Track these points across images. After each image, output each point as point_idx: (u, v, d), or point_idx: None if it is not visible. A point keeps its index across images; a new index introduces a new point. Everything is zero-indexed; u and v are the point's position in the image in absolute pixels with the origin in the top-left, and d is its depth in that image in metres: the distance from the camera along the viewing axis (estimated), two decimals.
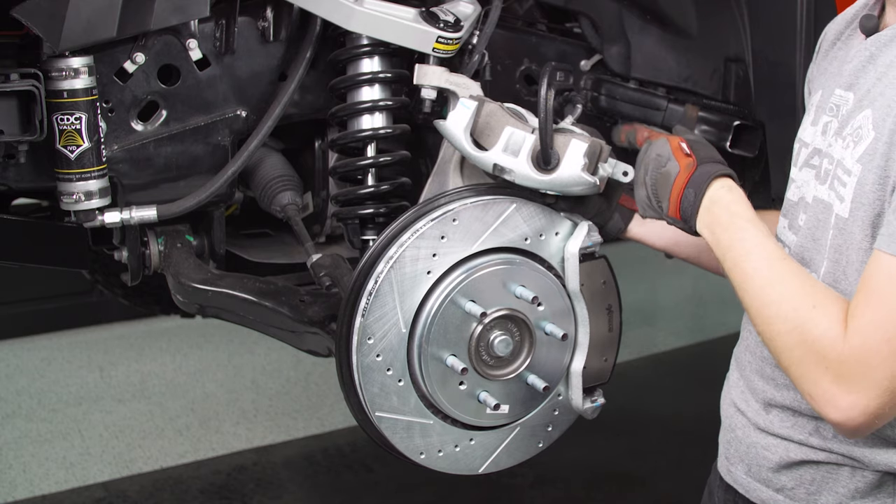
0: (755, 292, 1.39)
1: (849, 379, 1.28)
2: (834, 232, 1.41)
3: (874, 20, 1.47)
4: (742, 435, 1.58)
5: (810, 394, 1.33)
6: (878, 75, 1.39)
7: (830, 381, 1.29)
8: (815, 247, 1.45)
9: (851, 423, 1.30)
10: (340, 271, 1.95)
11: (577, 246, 1.79)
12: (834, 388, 1.29)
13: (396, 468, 2.62)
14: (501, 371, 1.79)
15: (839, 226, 1.39)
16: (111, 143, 1.87)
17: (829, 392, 1.30)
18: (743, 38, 2.14)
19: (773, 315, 1.36)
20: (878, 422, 1.31)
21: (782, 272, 1.38)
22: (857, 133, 1.37)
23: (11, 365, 4.66)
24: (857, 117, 1.39)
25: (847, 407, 1.29)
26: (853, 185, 1.36)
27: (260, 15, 1.95)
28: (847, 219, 1.38)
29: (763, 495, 1.55)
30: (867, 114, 1.37)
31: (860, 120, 1.38)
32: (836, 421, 1.31)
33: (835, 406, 1.30)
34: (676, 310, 5.63)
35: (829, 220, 1.42)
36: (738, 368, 1.63)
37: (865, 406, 1.28)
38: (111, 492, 3.68)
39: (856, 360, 1.27)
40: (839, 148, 1.41)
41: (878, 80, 1.38)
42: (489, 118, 1.77)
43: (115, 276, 2.61)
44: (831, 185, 1.42)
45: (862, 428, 1.32)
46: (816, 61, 1.64)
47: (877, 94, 1.37)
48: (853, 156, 1.37)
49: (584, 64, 2.30)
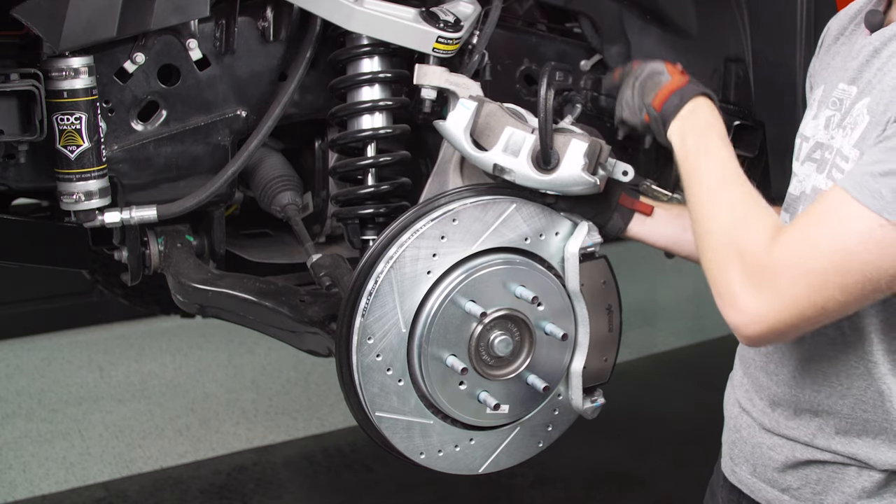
0: (702, 195, 1.46)
1: (759, 285, 1.31)
2: None
3: (879, 16, 1.48)
4: (747, 435, 1.58)
5: (719, 292, 1.37)
6: (880, 66, 1.40)
7: (741, 284, 1.33)
8: None
9: (748, 328, 1.33)
10: (340, 271, 1.95)
11: (577, 246, 1.79)
12: (743, 291, 1.32)
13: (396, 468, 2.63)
14: (501, 371, 1.79)
15: None
16: (111, 143, 1.86)
17: (736, 293, 1.33)
18: (743, 38, 2.14)
19: (711, 217, 1.42)
20: (774, 337, 1.34)
21: (733, 184, 1.45)
22: (855, 120, 1.39)
23: (11, 365, 4.67)
24: (856, 106, 1.41)
25: (749, 311, 1.32)
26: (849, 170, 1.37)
27: (260, 15, 1.95)
28: None
29: (768, 495, 1.55)
30: (865, 101, 1.39)
31: (859, 108, 1.40)
32: (735, 323, 1.34)
33: (738, 308, 1.33)
34: (676, 310, 5.64)
35: None
36: (741, 367, 1.63)
37: (766, 315, 1.31)
38: (111, 492, 3.68)
39: (770, 269, 1.31)
40: (839, 138, 1.43)
41: (878, 71, 1.40)
42: (489, 118, 1.77)
43: (115, 276, 2.61)
44: (829, 173, 1.44)
45: (758, 337, 1.33)
46: (819, 56, 1.65)
47: (875, 82, 1.39)
48: (850, 141, 1.39)
49: (584, 64, 2.30)
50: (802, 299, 1.29)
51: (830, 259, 1.27)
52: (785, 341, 1.38)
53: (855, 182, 1.28)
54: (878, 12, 1.48)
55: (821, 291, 1.28)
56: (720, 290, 1.37)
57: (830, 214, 1.29)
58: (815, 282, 1.28)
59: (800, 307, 1.29)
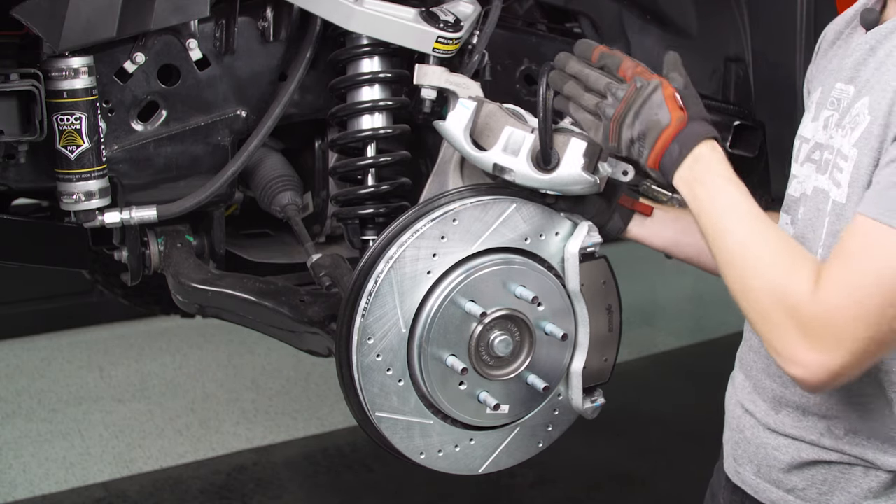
0: (730, 248, 1.39)
1: (815, 336, 1.29)
2: (831, 218, 1.41)
3: (875, 14, 1.47)
4: (751, 436, 1.58)
5: (776, 349, 1.33)
6: (878, 65, 1.39)
7: (797, 338, 1.30)
8: (813, 237, 1.45)
9: (813, 379, 1.31)
10: (340, 271, 1.95)
11: (577, 246, 1.79)
12: (800, 345, 1.30)
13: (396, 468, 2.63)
14: (501, 371, 1.79)
15: (836, 211, 1.40)
16: (111, 143, 1.86)
17: (794, 348, 1.31)
18: (743, 38, 2.15)
19: (747, 271, 1.36)
20: (839, 381, 1.32)
21: (760, 229, 1.38)
22: (855, 120, 1.38)
23: (11, 365, 4.67)
24: (855, 105, 1.40)
25: (811, 364, 1.30)
26: (850, 170, 1.37)
27: (260, 15, 1.95)
28: (844, 204, 1.38)
29: (773, 496, 1.54)
30: (865, 101, 1.38)
31: (858, 107, 1.39)
32: (799, 377, 1.32)
33: (799, 363, 1.31)
34: (676, 310, 5.64)
35: (825, 207, 1.42)
36: (742, 370, 1.63)
37: (829, 364, 1.29)
38: (111, 492, 3.68)
39: (823, 318, 1.28)
40: (839, 137, 1.42)
41: (876, 70, 1.39)
42: (488, 118, 1.77)
43: (115, 276, 2.61)
44: (831, 174, 1.42)
45: (823, 385, 1.32)
46: (815, 61, 1.65)
47: (874, 81, 1.38)
48: (850, 141, 1.38)
49: None
50: (862, 340, 1.27)
51: (880, 292, 1.25)
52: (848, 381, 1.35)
53: (881, 208, 1.26)
54: (874, 10, 1.48)
55: (878, 327, 1.26)
56: (776, 348, 1.33)
57: (867, 246, 1.27)
58: (871, 319, 1.26)
59: (861, 348, 1.27)
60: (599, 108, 1.57)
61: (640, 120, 1.50)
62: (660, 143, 1.48)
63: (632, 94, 1.52)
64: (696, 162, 1.46)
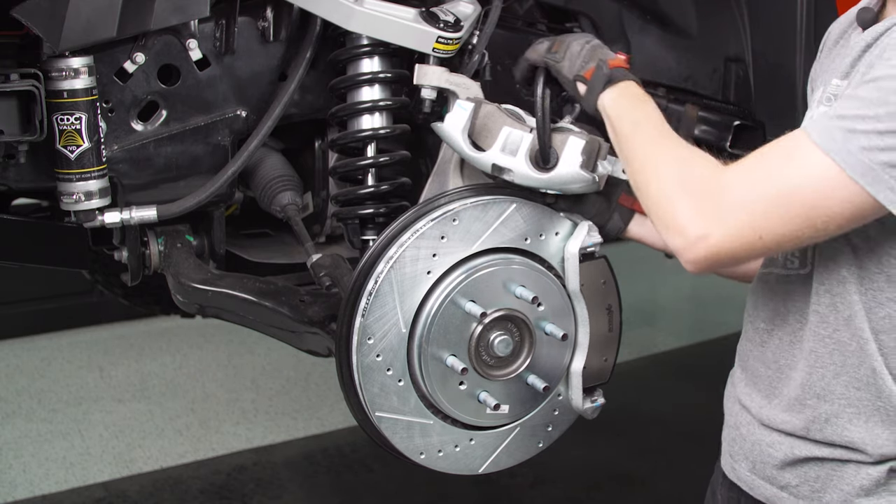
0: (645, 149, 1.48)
1: (703, 210, 1.34)
2: None
3: (871, 13, 1.49)
4: (746, 432, 1.59)
5: (664, 222, 1.39)
6: (871, 62, 1.42)
7: (687, 209, 1.35)
8: None
9: (690, 251, 1.35)
10: (340, 271, 1.95)
11: (577, 246, 1.79)
12: (687, 214, 1.35)
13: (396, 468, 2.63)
14: (501, 371, 1.79)
15: None
16: (111, 143, 1.86)
17: (680, 218, 1.36)
18: (743, 38, 2.15)
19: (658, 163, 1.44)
20: (714, 262, 1.36)
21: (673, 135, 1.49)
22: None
23: (11, 365, 4.67)
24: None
25: (691, 234, 1.34)
26: None
27: (260, 15, 1.95)
28: None
29: (767, 493, 1.55)
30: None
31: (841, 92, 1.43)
32: (677, 246, 1.37)
33: (681, 232, 1.35)
34: (676, 310, 5.64)
35: None
36: (740, 361, 1.64)
37: (706, 237, 1.33)
38: (111, 492, 3.68)
39: (717, 194, 1.34)
40: None
41: (869, 67, 1.41)
42: (486, 119, 1.77)
43: (115, 276, 2.61)
44: None
45: (699, 260, 1.36)
46: (819, 60, 1.66)
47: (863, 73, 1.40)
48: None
49: None
50: (744, 222, 1.32)
51: (778, 190, 1.31)
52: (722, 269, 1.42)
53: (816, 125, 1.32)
54: (871, 9, 1.50)
55: (762, 220, 1.31)
56: (665, 220, 1.39)
57: (787, 150, 1.33)
58: (758, 209, 1.31)
59: (741, 229, 1.32)
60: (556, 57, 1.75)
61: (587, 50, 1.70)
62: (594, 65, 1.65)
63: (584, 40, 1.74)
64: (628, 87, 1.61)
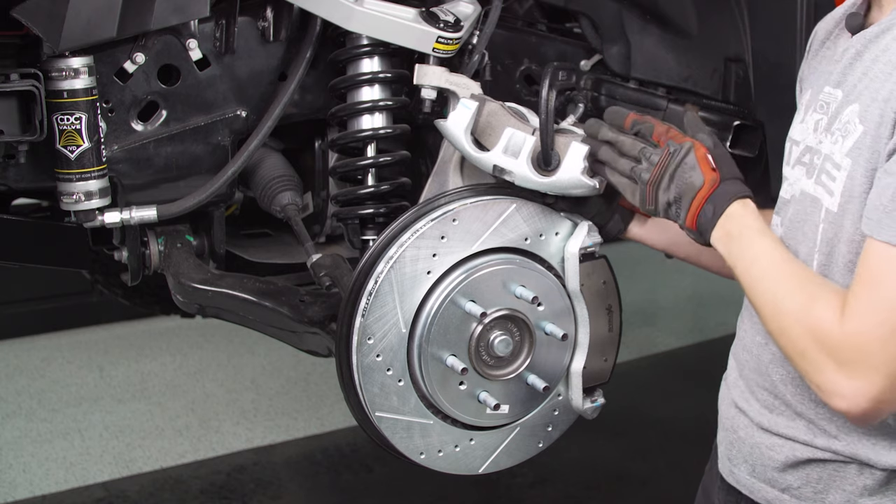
0: (762, 294, 1.42)
1: (849, 364, 1.29)
2: (825, 226, 1.42)
3: (859, 18, 1.48)
4: (745, 435, 1.58)
5: (817, 384, 1.34)
6: (864, 70, 1.40)
7: (833, 369, 1.31)
8: (802, 239, 1.47)
9: (857, 409, 1.31)
10: (340, 271, 1.95)
11: (577, 246, 1.79)
12: (836, 376, 1.30)
13: (396, 468, 2.62)
14: (501, 371, 1.79)
15: (829, 219, 1.41)
16: (111, 143, 1.86)
17: (832, 380, 1.31)
18: (743, 38, 2.14)
19: (777, 311, 1.38)
20: (885, 407, 1.31)
21: (786, 271, 1.40)
22: (846, 128, 1.39)
23: (11, 365, 4.67)
24: (844, 112, 1.41)
25: (850, 394, 1.30)
26: (843, 180, 1.38)
27: (260, 15, 1.95)
28: (837, 213, 1.40)
29: (768, 495, 1.55)
30: (854, 108, 1.39)
31: (847, 114, 1.40)
32: (843, 409, 1.32)
33: (839, 394, 1.31)
34: (676, 310, 5.63)
35: (817, 214, 1.44)
36: (737, 367, 1.63)
37: (868, 391, 1.29)
38: (111, 492, 3.68)
39: (853, 344, 1.29)
40: (828, 143, 1.43)
41: (863, 75, 1.40)
42: (490, 118, 1.77)
43: (115, 276, 2.61)
44: (818, 179, 1.44)
45: (869, 414, 1.32)
46: (807, 60, 1.65)
47: (862, 88, 1.39)
48: (842, 150, 1.39)
49: (584, 64, 2.30)
50: (894, 361, 1.28)
51: None
52: None
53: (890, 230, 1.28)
54: (859, 15, 1.49)
55: None
56: (816, 383, 1.34)
57: (884, 270, 1.28)
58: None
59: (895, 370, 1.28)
60: (635, 173, 1.61)
61: (675, 183, 1.55)
62: (695, 205, 1.53)
63: (665, 159, 1.57)
64: (729, 220, 1.50)
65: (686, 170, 1.54)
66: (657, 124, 1.62)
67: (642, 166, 1.60)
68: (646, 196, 1.59)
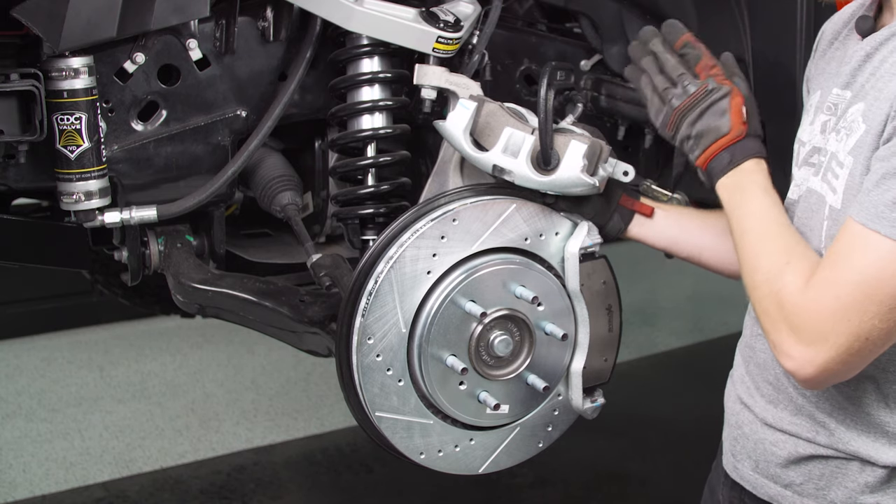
0: (747, 247, 1.47)
1: (801, 330, 1.35)
2: (829, 223, 1.44)
3: (870, 21, 1.49)
4: (749, 431, 1.59)
5: (773, 342, 1.40)
6: (872, 71, 1.42)
7: (786, 331, 1.36)
8: (810, 235, 1.48)
9: (803, 373, 1.36)
10: (340, 271, 1.95)
11: (577, 246, 1.79)
12: (789, 338, 1.36)
13: (396, 468, 2.62)
14: (501, 371, 1.79)
15: (833, 216, 1.43)
16: (111, 143, 1.86)
17: (784, 341, 1.37)
18: (743, 38, 2.14)
19: (755, 267, 1.44)
20: (830, 377, 1.37)
21: (775, 233, 1.45)
22: (850, 126, 1.41)
23: (11, 365, 4.66)
24: (850, 110, 1.42)
25: (798, 357, 1.35)
26: (845, 177, 1.40)
27: (260, 15, 1.95)
28: (839, 210, 1.41)
29: (771, 491, 1.56)
30: (859, 107, 1.40)
31: (852, 113, 1.41)
32: (791, 370, 1.38)
33: (788, 355, 1.37)
34: (676, 310, 5.63)
35: (822, 211, 1.45)
36: (743, 364, 1.64)
37: (814, 359, 1.34)
38: (111, 492, 3.68)
39: (808, 313, 1.34)
40: (833, 142, 1.45)
41: (871, 76, 1.41)
42: (489, 118, 1.77)
43: (115, 276, 2.61)
44: (824, 176, 1.46)
45: (813, 380, 1.37)
46: (814, 60, 1.66)
47: (869, 87, 1.40)
48: (845, 148, 1.41)
49: (584, 64, 2.30)
50: (844, 335, 1.31)
51: (862, 290, 1.30)
52: (846, 378, 1.39)
53: (869, 213, 1.31)
54: (869, 17, 1.49)
55: (860, 324, 1.31)
56: (773, 342, 1.40)
57: (853, 248, 1.32)
58: (852, 315, 1.31)
59: (844, 342, 1.32)
60: (666, 95, 1.62)
61: (703, 121, 1.56)
62: (713, 148, 1.55)
63: (701, 94, 1.58)
64: (740, 172, 1.53)
65: (717, 112, 1.55)
66: (706, 56, 1.62)
67: (677, 90, 1.60)
68: (669, 121, 1.61)
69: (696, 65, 1.61)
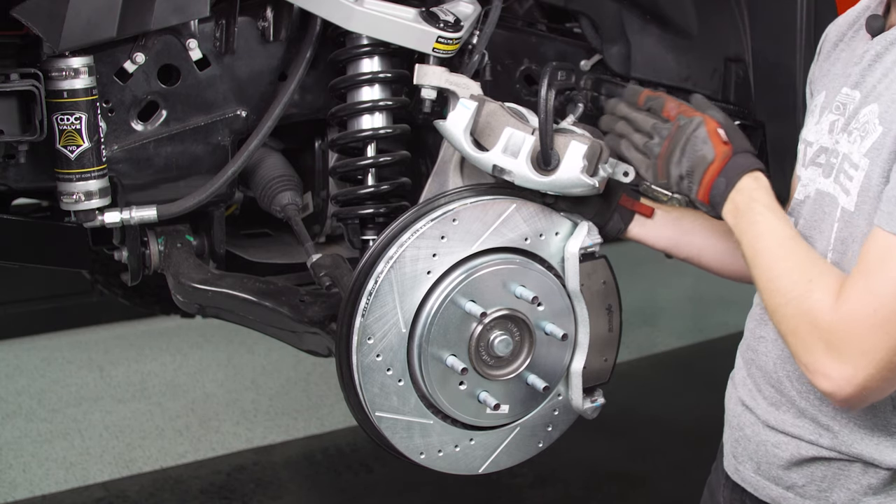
0: (762, 269, 1.43)
1: (838, 348, 1.30)
2: (840, 225, 1.43)
3: (880, 20, 1.49)
4: (751, 433, 1.58)
5: (805, 364, 1.35)
6: (885, 71, 1.41)
7: (822, 351, 1.32)
8: (818, 237, 1.47)
9: (841, 392, 1.32)
10: (340, 271, 1.95)
11: (577, 246, 1.79)
12: (825, 358, 1.32)
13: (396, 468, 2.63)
14: (501, 371, 1.79)
15: (845, 219, 1.42)
16: (111, 143, 1.87)
17: (820, 361, 1.32)
18: (743, 38, 2.15)
19: (774, 289, 1.40)
20: (869, 395, 1.33)
21: (788, 250, 1.41)
22: (864, 128, 1.39)
23: (11, 365, 4.66)
24: (862, 112, 1.41)
25: (836, 376, 1.31)
26: (860, 180, 1.39)
27: (260, 15, 1.95)
28: (853, 212, 1.40)
29: (773, 493, 1.55)
30: (873, 108, 1.39)
31: (866, 114, 1.40)
32: (828, 391, 1.33)
33: (825, 375, 1.32)
34: (676, 310, 5.63)
35: (834, 213, 1.44)
36: (744, 366, 1.63)
37: (853, 376, 1.30)
38: (111, 492, 3.68)
39: (844, 329, 1.30)
40: (845, 143, 1.43)
41: (883, 76, 1.40)
42: (489, 118, 1.77)
43: (115, 276, 2.61)
44: (836, 178, 1.44)
45: (852, 399, 1.33)
46: (818, 62, 1.65)
47: (882, 89, 1.39)
48: (860, 150, 1.39)
49: (584, 64, 2.30)
50: (883, 350, 1.28)
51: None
52: (882, 397, 1.37)
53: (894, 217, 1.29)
54: (879, 17, 1.49)
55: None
56: (804, 362, 1.35)
57: (886, 258, 1.29)
58: (891, 327, 1.28)
59: (883, 358, 1.29)
60: (647, 148, 1.61)
61: (687, 156, 1.54)
62: (707, 178, 1.52)
63: (675, 132, 1.56)
64: (738, 193, 1.50)
65: (697, 143, 1.54)
66: (668, 100, 1.61)
67: (654, 140, 1.60)
68: (657, 170, 1.59)
69: (661, 111, 1.61)
